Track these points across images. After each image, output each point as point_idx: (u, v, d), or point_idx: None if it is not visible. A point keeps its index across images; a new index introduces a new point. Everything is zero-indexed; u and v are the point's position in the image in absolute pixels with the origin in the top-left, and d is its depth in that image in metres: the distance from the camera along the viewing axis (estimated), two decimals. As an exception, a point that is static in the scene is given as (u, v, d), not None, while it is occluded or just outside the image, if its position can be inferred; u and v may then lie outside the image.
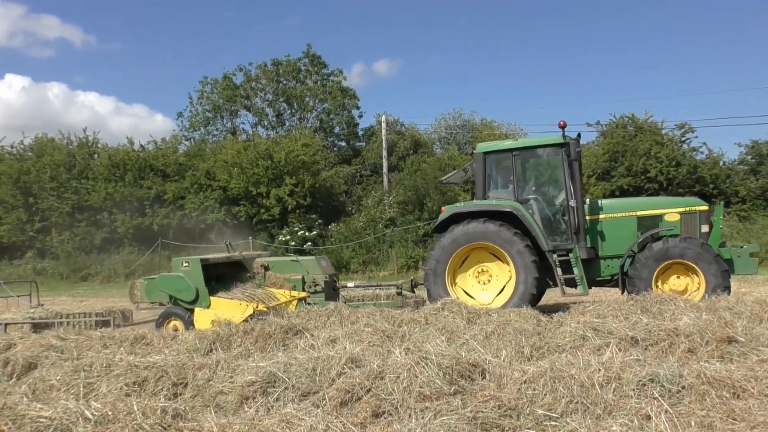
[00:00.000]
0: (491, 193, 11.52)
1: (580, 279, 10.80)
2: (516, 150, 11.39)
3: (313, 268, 12.01)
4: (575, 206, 10.80)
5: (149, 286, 11.72)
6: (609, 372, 5.33)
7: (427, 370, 5.54)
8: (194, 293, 10.92)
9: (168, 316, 11.10)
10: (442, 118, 40.32)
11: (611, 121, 30.88)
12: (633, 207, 11.42)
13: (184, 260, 11.33)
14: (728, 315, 7.64)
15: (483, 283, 11.38)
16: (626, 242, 11.02)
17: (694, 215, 10.95)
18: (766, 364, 5.27)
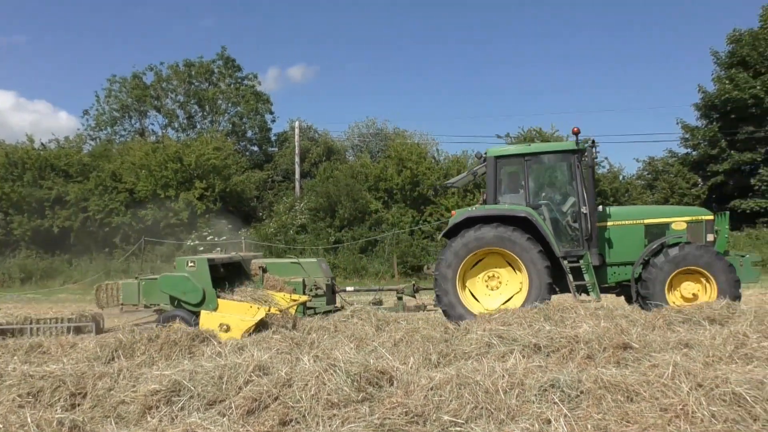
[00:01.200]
0: (501, 197, 11.39)
1: (592, 286, 10.78)
2: (528, 155, 11.26)
3: (314, 270, 11.70)
4: (587, 213, 10.78)
5: (149, 287, 10.95)
6: (513, 378, 5.47)
7: (336, 378, 5.54)
8: (201, 295, 10.25)
9: (170, 319, 10.28)
10: (355, 125, 40.53)
11: (519, 134, 31.84)
12: (641, 215, 11.43)
13: (189, 259, 10.63)
14: (624, 323, 8.00)
15: (492, 288, 11.13)
16: (634, 250, 11.01)
17: (700, 224, 11.05)
18: (657, 369, 5.52)
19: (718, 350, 6.67)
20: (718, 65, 30.34)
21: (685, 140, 31.48)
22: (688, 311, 8.89)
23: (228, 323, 9.45)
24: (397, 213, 27.97)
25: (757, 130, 27.72)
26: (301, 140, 34.77)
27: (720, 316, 8.69)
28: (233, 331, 9.29)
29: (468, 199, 27.62)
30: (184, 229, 28.78)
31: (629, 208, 12.61)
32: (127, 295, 11.26)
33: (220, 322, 9.47)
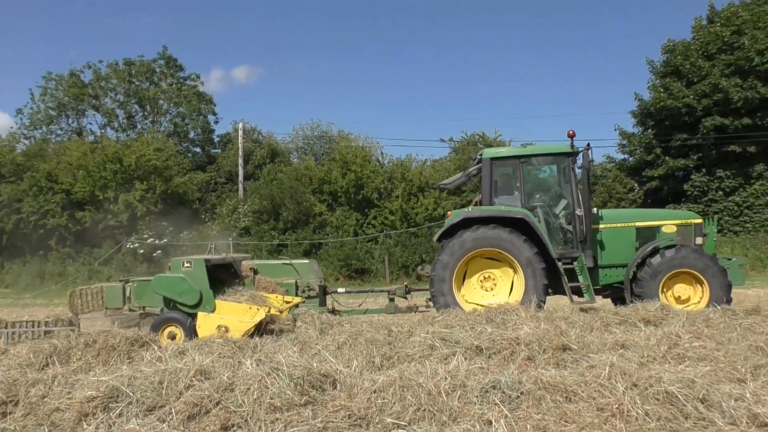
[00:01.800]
0: (497, 199, 11.42)
1: (586, 288, 10.85)
2: (523, 157, 11.34)
3: (307, 271, 11.50)
4: (582, 215, 10.89)
5: (141, 289, 10.54)
6: (455, 380, 5.53)
7: (279, 381, 5.50)
8: (198, 296, 9.91)
9: (164, 322, 9.93)
10: (300, 128, 40.36)
11: (463, 138, 32.26)
12: (632, 218, 11.59)
13: (185, 260, 10.26)
14: (564, 324, 8.17)
15: (487, 289, 11.16)
16: (625, 252, 11.13)
17: (689, 227, 11.24)
18: (595, 370, 5.66)
19: (653, 350, 6.87)
20: (654, 74, 31.26)
21: (623, 146, 32.32)
22: (624, 313, 9.12)
23: (226, 325, 9.28)
24: (342, 216, 27.95)
25: (690, 138, 28.64)
26: (245, 142, 34.45)
27: (654, 317, 8.94)
28: (232, 333, 9.10)
29: (412, 202, 27.79)
30: (123, 231, 28.14)
31: (620, 211, 12.79)
32: (111, 298, 10.85)
33: (219, 323, 9.33)
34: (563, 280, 10.79)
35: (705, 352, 6.86)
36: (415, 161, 32.15)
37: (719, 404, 4.86)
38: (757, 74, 27.23)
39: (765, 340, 6.94)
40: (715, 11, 30.49)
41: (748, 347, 6.80)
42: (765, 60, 26.86)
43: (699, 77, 28.36)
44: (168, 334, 9.72)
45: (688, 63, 28.76)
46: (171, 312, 10.06)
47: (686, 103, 28.06)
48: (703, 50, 28.96)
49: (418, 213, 27.59)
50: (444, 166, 30.98)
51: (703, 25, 30.31)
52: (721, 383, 5.31)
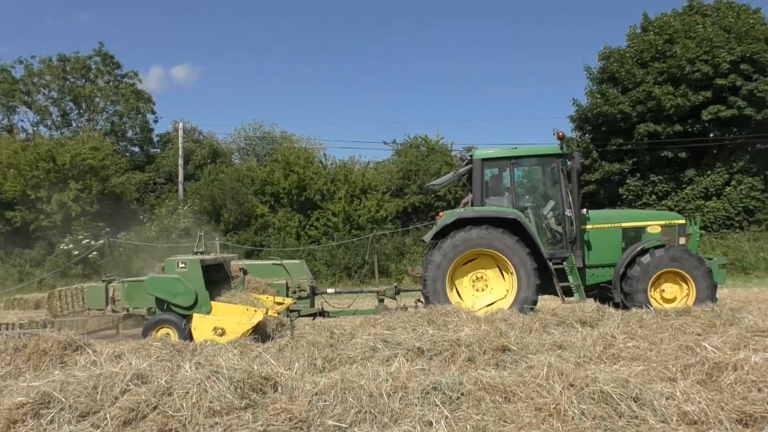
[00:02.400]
0: (487, 200, 11.47)
1: (576, 287, 11.03)
2: (514, 158, 11.42)
3: (298, 272, 11.33)
4: (572, 216, 11.09)
5: (132, 290, 10.23)
6: (396, 382, 5.55)
7: (218, 385, 5.43)
8: (193, 297, 9.63)
9: (157, 323, 9.65)
10: (242, 128, 39.90)
11: (406, 141, 32.39)
12: (618, 218, 11.87)
13: (180, 260, 9.91)
14: (503, 326, 8.31)
15: (479, 290, 11.23)
16: (612, 252, 11.34)
17: (673, 228, 11.55)
18: (533, 370, 5.77)
19: (589, 351, 7.05)
20: (591, 80, 31.99)
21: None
22: (562, 314, 9.33)
23: (223, 327, 9.12)
24: (284, 217, 27.75)
25: (625, 143, 29.41)
26: (185, 142, 33.86)
27: (591, 318, 9.18)
28: (229, 336, 8.94)
29: (355, 204, 27.78)
30: (57, 231, 27.31)
31: (607, 212, 12.98)
32: (93, 299, 10.55)
33: (215, 325, 9.15)
34: (554, 280, 10.96)
35: (638, 352, 7.07)
36: (359, 163, 32.22)
37: (651, 403, 5.01)
38: (688, 82, 28.13)
39: (694, 340, 7.18)
40: (648, 20, 31.41)
41: (679, 347, 7.02)
42: (695, 69, 27.78)
43: (633, 84, 29.14)
44: (162, 336, 9.33)
45: (624, 70, 29.53)
46: (164, 313, 9.78)
47: (621, 109, 28.79)
48: (638, 58, 29.79)
49: (361, 215, 27.61)
50: (387, 168, 31.08)
51: (638, 34, 31.17)
52: (653, 382, 5.48)
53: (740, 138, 29.28)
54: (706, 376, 5.67)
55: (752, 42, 27.73)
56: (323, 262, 25.38)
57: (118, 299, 10.53)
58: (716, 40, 27.88)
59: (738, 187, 28.46)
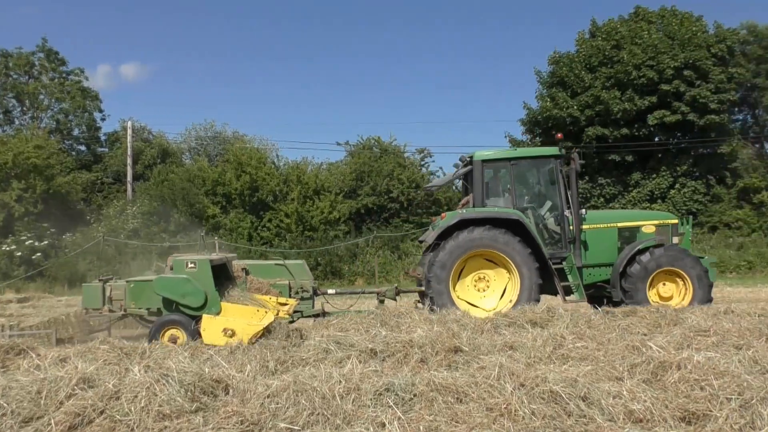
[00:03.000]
0: (487, 200, 11.54)
1: (576, 286, 11.18)
2: (513, 159, 11.55)
3: (300, 272, 11.10)
4: (571, 216, 11.23)
5: (139, 290, 9.87)
6: (349, 383, 5.55)
7: (168, 388, 5.35)
8: (203, 298, 9.34)
9: (165, 324, 9.33)
10: (192, 128, 39.37)
11: (359, 142, 32.42)
12: (614, 218, 12.05)
13: (189, 260, 9.63)
14: (456, 327, 8.38)
15: (480, 290, 11.29)
16: (608, 252, 11.50)
17: (667, 227, 11.75)
18: (485, 371, 5.83)
19: (539, 351, 7.15)
20: (541, 84, 32.55)
21: (512, 153, 33.34)
22: (513, 315, 9.45)
23: (233, 328, 8.85)
24: (236, 218, 27.47)
25: (575, 146, 30.01)
26: (134, 141, 33.21)
27: (541, 319, 9.32)
28: (239, 337, 8.73)
29: (308, 205, 27.67)
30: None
31: (603, 213, 13.14)
32: (89, 298, 10.22)
33: (224, 326, 8.89)
34: (555, 280, 11.09)
35: (587, 352, 7.21)
36: (311, 164, 32.08)
37: (599, 402, 5.11)
38: (635, 87, 28.86)
39: (640, 340, 7.35)
40: (596, 26, 32.11)
41: (626, 347, 7.18)
42: (641, 74, 28.50)
43: (582, 88, 29.76)
44: (169, 338, 9.19)
45: (573, 75, 30.13)
46: (172, 314, 9.49)
47: (570, 113, 29.38)
48: (586, 63, 30.43)
49: (313, 216, 27.52)
50: (340, 169, 31.04)
51: (586, 39, 31.86)
52: (601, 382, 5.59)
53: (684, 142, 30.18)
54: (652, 375, 5.81)
55: (695, 49, 28.62)
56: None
57: (115, 299, 10.22)
58: (661, 46, 28.69)
59: (682, 191, 29.31)
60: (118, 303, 10.14)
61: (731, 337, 7.66)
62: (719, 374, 5.48)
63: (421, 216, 28.98)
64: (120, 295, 10.12)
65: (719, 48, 29.60)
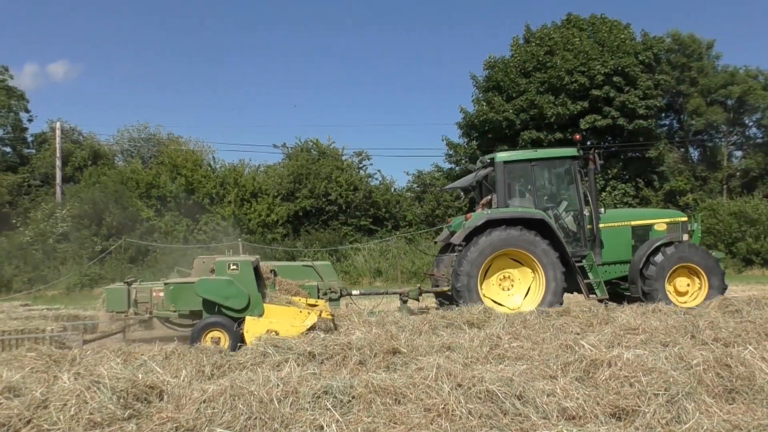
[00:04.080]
0: (510, 201, 11.77)
1: (597, 284, 11.47)
2: (534, 160, 11.83)
3: (328, 274, 11.19)
4: (590, 215, 11.59)
5: (179, 292, 9.67)
6: (287, 387, 5.50)
7: (99, 395, 5.21)
8: (246, 300, 9.23)
9: (207, 327, 9.09)
10: (125, 129, 38.46)
11: (296, 144, 32.25)
12: (628, 217, 12.39)
13: (231, 262, 9.55)
14: (394, 329, 8.44)
15: (505, 288, 11.48)
16: (623, 249, 11.87)
17: (677, 225, 12.19)
18: (423, 372, 5.87)
19: (476, 351, 7.26)
20: (477, 88, 33.03)
21: (450, 156, 33.80)
22: (450, 316, 9.58)
23: (277, 330, 8.84)
24: (171, 222, 26.93)
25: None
26: (64, 142, 32.20)
27: (478, 320, 9.47)
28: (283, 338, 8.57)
29: (245, 207, 27.36)
30: None
31: (618, 212, 13.47)
32: (113, 301, 10.05)
33: (268, 328, 8.86)
34: (578, 278, 11.43)
35: (522, 351, 7.35)
36: (248, 167, 31.73)
37: (534, 400, 5.21)
38: (567, 92, 29.59)
39: (573, 339, 7.54)
40: (531, 32, 32.82)
41: (559, 346, 7.35)
42: (573, 79, 29.26)
43: (517, 93, 30.33)
44: (211, 340, 8.99)
45: (508, 79, 30.68)
46: (214, 316, 9.31)
47: (506, 116, 29.88)
48: (521, 68, 31.05)
49: (251, 219, 27.23)
50: (277, 172, 30.78)
51: (521, 44, 32.51)
52: (536, 380, 5.70)
53: (614, 146, 31.06)
54: (584, 373, 5.95)
55: (623, 56, 29.57)
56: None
57: (141, 302, 10.09)
58: (591, 52, 29.53)
59: (612, 193, 30.17)
60: (143, 306, 10.07)
61: (658, 335, 7.95)
62: (647, 371, 5.65)
63: (359, 218, 29.00)
64: (145, 297, 10.07)
65: (646, 55, 30.68)
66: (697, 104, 34.71)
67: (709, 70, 35.79)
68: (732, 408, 5.28)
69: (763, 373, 5.74)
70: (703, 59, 36.14)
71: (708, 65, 36.01)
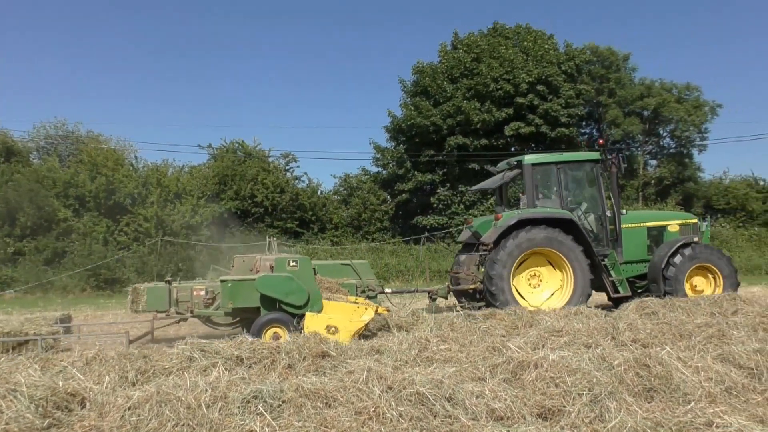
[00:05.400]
0: (537, 201, 12.11)
1: (620, 282, 11.88)
2: (560, 163, 12.24)
3: (366, 272, 11.37)
4: (613, 216, 12.09)
5: (236, 289, 9.67)
6: (215, 392, 5.42)
7: (16, 404, 5.01)
8: (305, 296, 9.52)
9: (267, 323, 9.37)
10: (41, 126, 36.97)
11: (222, 145, 31.75)
12: (644, 219, 12.93)
13: (290, 259, 9.86)
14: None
15: (534, 286, 11.84)
16: (639, 249, 12.37)
17: (689, 226, 12.78)
18: (353, 375, 5.88)
19: (405, 354, 7.33)
20: (405, 93, 33.29)
21: (377, 159, 33.93)
22: (378, 319, 9.63)
23: (335, 325, 9.14)
24: (90, 222, 26.03)
25: (437, 154, 30.90)
26: (-27, 139, 30.72)
27: (406, 323, 9.58)
28: (342, 333, 9.05)
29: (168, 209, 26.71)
30: None
31: (634, 214, 13.77)
32: (154, 300, 10.26)
33: (327, 324, 9.13)
34: (604, 276, 11.85)
35: (450, 354, 7.46)
36: (172, 167, 31.01)
37: (463, 402, 5.30)
38: (493, 99, 30.18)
39: (500, 341, 7.70)
40: (458, 39, 33.33)
41: (486, 348, 7.49)
42: (499, 87, 29.86)
43: (444, 98, 30.72)
44: (272, 336, 9.26)
45: (435, 84, 31.05)
46: (273, 313, 9.55)
47: (433, 121, 30.22)
48: (448, 74, 31.48)
49: (174, 220, 26.61)
50: (202, 173, 30.21)
51: (448, 51, 32.97)
52: (465, 382, 5.80)
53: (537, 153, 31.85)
54: (511, 374, 6.09)
55: (547, 65, 30.40)
56: (134, 269, 24.14)
57: (182, 300, 10.32)
58: (516, 61, 30.22)
59: (536, 199, 30.89)
60: (184, 305, 10.31)
61: (581, 337, 8.21)
62: (572, 372, 5.83)
63: (285, 221, 28.76)
64: (186, 296, 10.34)
65: (569, 65, 31.63)
66: (615, 115, 36.05)
67: (626, 82, 37.21)
68: (651, 406, 5.50)
69: (679, 372, 6.00)
70: (621, 71, 37.56)
71: (625, 77, 37.43)
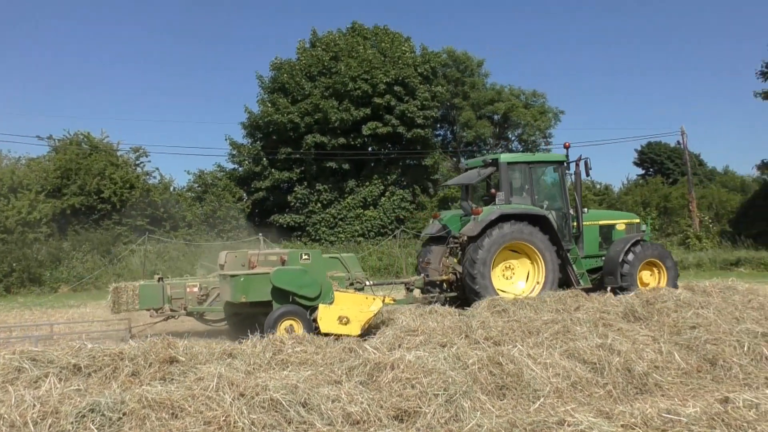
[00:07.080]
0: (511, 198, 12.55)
1: (581, 275, 12.59)
2: (532, 163, 13.01)
3: (354, 265, 11.47)
4: (575, 214, 12.89)
5: (251, 283, 9.74)
6: (45, 407, 4.92)
7: None
8: (318, 288, 9.86)
9: (283, 315, 9.56)
10: None
11: (65, 137, 29.68)
12: (596, 218, 13.73)
13: (303, 252, 10.41)
14: (171, 335, 7.92)
15: (507, 277, 12.30)
16: (592, 246, 13.21)
17: (633, 225, 13.69)
18: (203, 382, 5.53)
19: (259, 358, 7.06)
20: (263, 89, 32.71)
21: (233, 156, 33.11)
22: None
23: (347, 316, 9.39)
24: None
25: (294, 152, 30.58)
26: None
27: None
28: (353, 324, 9.36)
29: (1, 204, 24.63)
30: None
31: (589, 213, 14.17)
32: (147, 298, 10.49)
33: (339, 315, 9.38)
34: (569, 269, 12.53)
35: (306, 356, 7.28)
36: (7, 158, 28.66)
37: (318, 407, 5.14)
38: (351, 98, 30.27)
39: (356, 342, 7.60)
40: (317, 36, 33.17)
41: (343, 349, 7.38)
42: (357, 86, 29.99)
43: (302, 96, 30.47)
44: (286, 328, 9.39)
45: (293, 82, 30.71)
46: (288, 305, 9.73)
47: (291, 119, 29.89)
48: (307, 71, 31.25)
49: (8, 216, 24.56)
50: (42, 165, 28.08)
51: (307, 48, 32.74)
52: (321, 386, 5.63)
53: (393, 153, 32.34)
54: (368, 376, 6.00)
55: (404, 67, 30.92)
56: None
57: (175, 297, 10.54)
58: (374, 61, 30.50)
59: (391, 198, 31.39)
60: (177, 302, 10.49)
61: (436, 336, 8.23)
62: (428, 372, 5.81)
63: (135, 218, 27.32)
64: (179, 293, 10.59)
65: (425, 68, 32.35)
66: (468, 117, 37.27)
67: (480, 86, 38.61)
68: (503, 404, 5.60)
69: (529, 369, 6.16)
70: (475, 76, 38.93)
71: (479, 82, 38.83)
